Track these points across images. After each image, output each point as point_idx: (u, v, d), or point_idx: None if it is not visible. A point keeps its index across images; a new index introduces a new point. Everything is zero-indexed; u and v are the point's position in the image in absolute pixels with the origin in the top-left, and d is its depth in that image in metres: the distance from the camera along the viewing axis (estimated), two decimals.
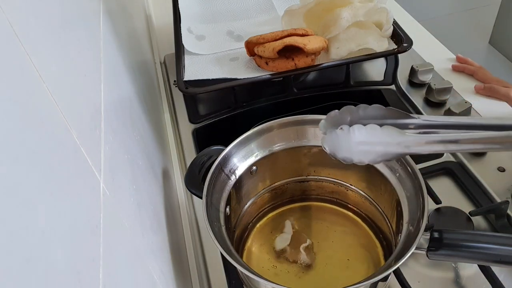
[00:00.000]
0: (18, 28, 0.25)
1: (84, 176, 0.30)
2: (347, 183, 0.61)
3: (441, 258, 0.48)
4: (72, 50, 0.36)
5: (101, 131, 0.37)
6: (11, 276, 0.18)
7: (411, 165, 0.51)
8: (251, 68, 0.79)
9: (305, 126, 0.58)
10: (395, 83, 0.87)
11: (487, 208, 0.62)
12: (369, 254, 0.59)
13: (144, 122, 0.62)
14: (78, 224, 0.26)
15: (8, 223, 0.18)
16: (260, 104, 0.85)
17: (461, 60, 0.93)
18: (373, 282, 0.44)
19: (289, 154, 0.59)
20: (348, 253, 0.59)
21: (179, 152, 0.79)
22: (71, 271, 0.23)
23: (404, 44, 0.79)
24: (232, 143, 0.56)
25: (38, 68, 0.26)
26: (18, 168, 0.21)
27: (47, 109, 0.27)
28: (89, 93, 0.38)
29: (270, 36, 0.76)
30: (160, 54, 1.03)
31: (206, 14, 0.95)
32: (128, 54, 0.65)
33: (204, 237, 0.64)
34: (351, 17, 0.78)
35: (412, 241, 0.45)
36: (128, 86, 0.58)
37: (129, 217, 0.38)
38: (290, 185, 0.63)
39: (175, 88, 0.88)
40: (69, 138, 0.29)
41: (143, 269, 0.39)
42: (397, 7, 1.13)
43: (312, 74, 0.92)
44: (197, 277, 0.62)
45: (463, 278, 0.58)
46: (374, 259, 0.58)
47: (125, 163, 0.43)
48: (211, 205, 0.51)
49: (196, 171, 0.57)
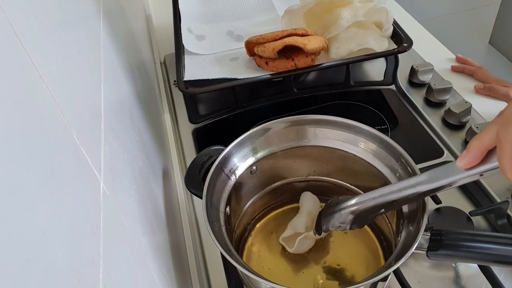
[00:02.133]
0: (18, 28, 0.25)
1: (84, 176, 0.30)
2: (347, 183, 0.61)
3: (441, 258, 0.48)
4: (72, 50, 0.36)
5: (101, 131, 0.37)
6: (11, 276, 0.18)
7: (411, 165, 0.51)
8: (251, 68, 0.79)
9: (305, 126, 0.58)
10: (395, 83, 0.87)
11: (487, 208, 0.62)
12: (369, 254, 0.59)
13: (144, 122, 0.62)
14: (78, 224, 0.26)
15: (8, 223, 0.18)
16: (260, 104, 0.85)
17: (461, 60, 0.93)
18: (373, 282, 0.44)
19: (289, 154, 0.59)
20: (348, 253, 0.59)
21: (179, 152, 0.79)
22: (71, 271, 0.23)
23: (404, 44, 0.79)
24: (232, 143, 0.56)
25: (38, 68, 0.26)
26: (18, 168, 0.21)
27: (47, 109, 0.27)
28: (89, 93, 0.38)
29: (270, 36, 0.76)
30: (160, 54, 1.03)
31: (206, 14, 0.95)
32: (128, 54, 0.65)
33: (204, 237, 0.64)
34: (351, 17, 0.78)
35: (412, 241, 0.45)
36: (128, 86, 0.58)
37: (129, 217, 0.38)
38: (290, 185, 0.63)
39: (175, 88, 0.88)
40: (69, 138, 0.29)
41: (143, 269, 0.39)
42: (397, 7, 1.13)
43: (312, 74, 0.92)
44: (197, 277, 0.62)
45: (463, 278, 0.58)
46: (374, 259, 0.58)
47: (125, 163, 0.43)
48: (211, 205, 0.51)
49: (196, 171, 0.57)
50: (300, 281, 0.57)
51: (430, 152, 0.74)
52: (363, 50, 0.79)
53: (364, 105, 0.83)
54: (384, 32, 0.80)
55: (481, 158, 0.36)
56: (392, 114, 0.82)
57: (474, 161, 0.36)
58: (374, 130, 0.56)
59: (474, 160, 0.36)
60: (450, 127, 0.77)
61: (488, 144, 0.35)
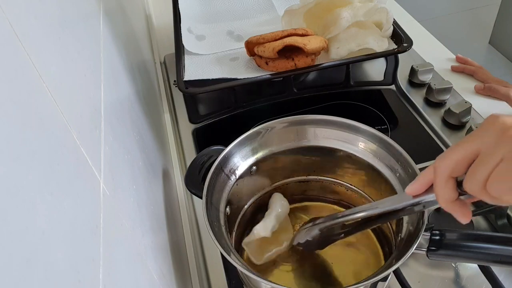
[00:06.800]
0: (18, 28, 0.25)
1: (84, 176, 0.30)
2: (347, 183, 0.61)
3: (441, 258, 0.48)
4: (72, 50, 0.36)
5: (101, 131, 0.37)
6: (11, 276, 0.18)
7: (411, 165, 0.51)
8: (251, 68, 0.79)
9: (305, 126, 0.58)
10: (395, 83, 0.87)
11: (487, 208, 0.62)
12: (369, 254, 0.59)
13: (144, 122, 0.62)
14: (78, 224, 0.26)
15: (8, 223, 0.18)
16: (260, 104, 0.85)
17: (461, 60, 0.93)
18: (373, 282, 0.44)
19: (289, 154, 0.59)
20: (348, 253, 0.59)
21: (179, 152, 0.79)
22: (71, 271, 0.23)
23: (404, 44, 0.79)
24: (232, 143, 0.56)
25: (38, 68, 0.26)
26: (18, 168, 0.21)
27: (47, 109, 0.27)
28: (89, 93, 0.38)
29: (270, 36, 0.76)
30: (160, 54, 1.03)
31: (206, 14, 0.95)
32: (128, 54, 0.65)
33: (204, 237, 0.64)
34: (351, 17, 0.78)
35: (412, 241, 0.45)
36: (128, 86, 0.58)
37: (129, 217, 0.38)
38: (290, 185, 0.63)
39: (175, 88, 0.88)
40: (69, 138, 0.29)
41: (143, 269, 0.39)
42: (397, 7, 1.13)
43: (312, 74, 0.92)
44: (197, 277, 0.62)
45: (463, 278, 0.58)
46: (374, 259, 0.58)
47: (125, 163, 0.43)
48: (211, 205, 0.51)
49: (196, 171, 0.57)
50: (300, 281, 0.57)
51: (430, 152, 0.74)
52: (363, 50, 0.79)
53: (364, 105, 0.83)
54: (384, 32, 0.80)
55: (426, 187, 0.39)
56: (392, 114, 0.82)
57: (419, 188, 0.39)
58: (374, 130, 0.56)
59: (420, 188, 0.39)
60: (450, 127, 0.77)
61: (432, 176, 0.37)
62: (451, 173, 0.35)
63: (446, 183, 0.35)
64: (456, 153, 0.34)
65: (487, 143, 0.32)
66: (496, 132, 0.32)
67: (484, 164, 0.32)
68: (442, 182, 0.35)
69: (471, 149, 0.33)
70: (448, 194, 0.35)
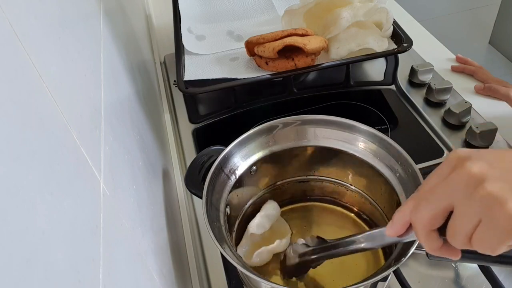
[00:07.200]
0: (18, 28, 0.25)
1: (84, 176, 0.30)
2: (347, 183, 0.61)
3: (441, 258, 0.48)
4: (72, 50, 0.36)
5: (101, 131, 0.37)
6: (11, 276, 0.18)
7: (411, 165, 0.51)
8: (251, 68, 0.79)
9: (305, 126, 0.58)
10: (395, 83, 0.87)
11: None
12: (369, 254, 0.59)
13: (144, 122, 0.62)
14: (78, 224, 0.26)
15: (8, 223, 0.18)
16: (260, 104, 0.85)
17: (461, 60, 0.93)
18: (373, 282, 0.44)
19: (289, 154, 0.59)
20: None
21: (179, 152, 0.79)
22: (71, 271, 0.23)
23: (404, 44, 0.79)
24: (232, 143, 0.56)
25: (38, 68, 0.26)
26: (18, 168, 0.21)
27: (47, 109, 0.27)
28: (89, 93, 0.38)
29: (270, 36, 0.76)
30: (160, 54, 1.03)
31: (206, 14, 0.95)
32: (128, 54, 0.65)
33: (204, 237, 0.64)
34: (351, 17, 0.78)
35: (412, 241, 0.45)
36: (128, 86, 0.58)
37: (129, 217, 0.38)
38: (290, 185, 0.63)
39: (175, 88, 0.87)
40: (69, 138, 0.29)
41: (143, 269, 0.39)
42: (397, 7, 1.13)
43: (312, 74, 0.92)
44: (197, 277, 0.62)
45: (463, 278, 0.58)
46: (374, 259, 0.58)
47: (125, 163, 0.43)
48: (211, 205, 0.51)
49: (196, 171, 0.57)
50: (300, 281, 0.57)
51: (430, 152, 0.74)
52: (363, 50, 0.79)
53: (364, 105, 0.83)
54: (384, 32, 0.80)
55: (405, 229, 0.38)
56: (392, 114, 0.82)
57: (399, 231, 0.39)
58: (374, 130, 0.56)
59: (400, 230, 0.39)
60: (450, 127, 0.77)
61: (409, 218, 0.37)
62: (430, 227, 0.34)
63: (428, 236, 0.35)
64: (429, 210, 0.34)
65: (459, 200, 0.32)
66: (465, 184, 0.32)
67: (463, 225, 0.32)
68: (423, 236, 0.35)
69: (443, 206, 0.33)
70: (433, 245, 0.35)
